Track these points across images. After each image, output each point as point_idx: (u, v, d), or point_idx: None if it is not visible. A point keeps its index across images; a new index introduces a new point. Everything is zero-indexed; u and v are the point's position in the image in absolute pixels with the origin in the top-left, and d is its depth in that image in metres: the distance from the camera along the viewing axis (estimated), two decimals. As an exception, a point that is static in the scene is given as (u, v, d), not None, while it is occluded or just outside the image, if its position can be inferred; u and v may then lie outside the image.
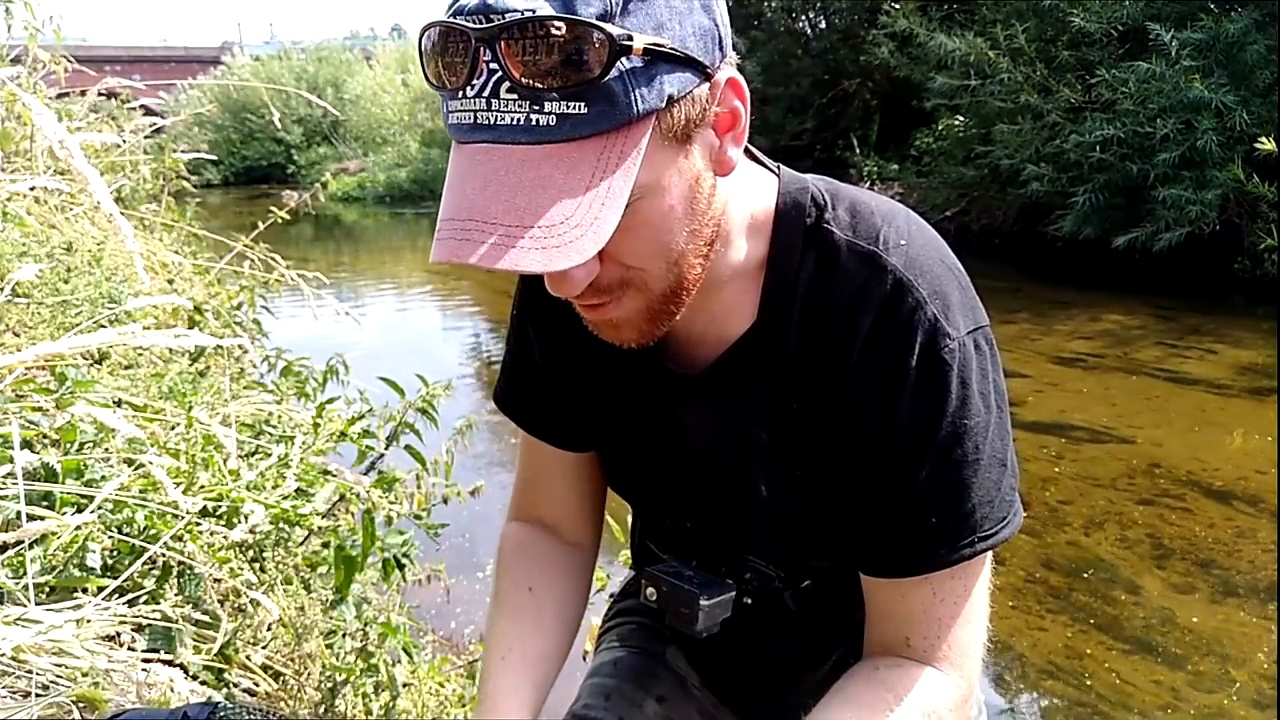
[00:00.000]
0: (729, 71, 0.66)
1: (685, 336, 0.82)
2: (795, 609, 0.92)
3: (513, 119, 0.58)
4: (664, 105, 0.60)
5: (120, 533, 1.21)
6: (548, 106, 0.57)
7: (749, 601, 0.90)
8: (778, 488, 0.82)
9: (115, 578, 1.14)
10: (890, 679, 0.77)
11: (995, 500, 0.75)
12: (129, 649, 1.18)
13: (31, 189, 2.54)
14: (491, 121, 0.59)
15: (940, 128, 9.73)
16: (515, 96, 0.58)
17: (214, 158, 16.24)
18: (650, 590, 0.89)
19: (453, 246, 0.58)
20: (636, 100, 0.59)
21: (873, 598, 0.81)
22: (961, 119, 8.98)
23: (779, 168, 0.81)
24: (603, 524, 1.03)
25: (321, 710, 1.46)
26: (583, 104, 0.57)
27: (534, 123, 0.58)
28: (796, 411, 0.78)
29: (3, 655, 0.91)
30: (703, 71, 0.63)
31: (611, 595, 1.21)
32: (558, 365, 0.91)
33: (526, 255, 0.57)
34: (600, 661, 1.06)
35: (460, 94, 0.59)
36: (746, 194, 0.76)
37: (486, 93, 0.58)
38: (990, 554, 0.79)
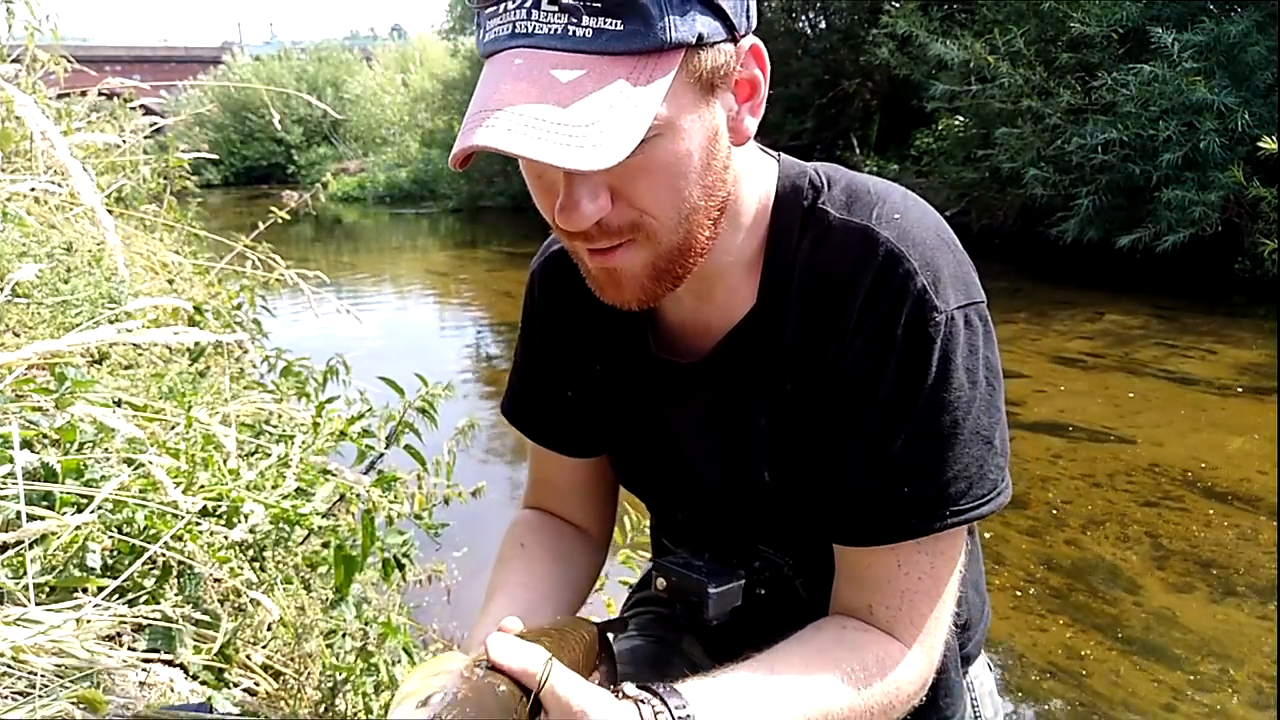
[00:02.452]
0: (754, 40, 0.69)
1: (690, 328, 0.82)
2: (808, 597, 0.92)
3: (550, 29, 0.61)
4: (694, 43, 0.63)
5: (120, 533, 1.21)
6: (585, 20, 0.61)
7: (762, 592, 0.91)
8: (778, 473, 0.83)
9: (115, 578, 1.13)
10: (858, 641, 0.77)
11: (974, 477, 0.75)
12: (129, 649, 1.18)
13: (32, 189, 2.54)
14: (530, 30, 0.62)
15: (940, 128, 9.72)
16: (555, 9, 0.61)
17: (214, 157, 16.24)
18: (660, 581, 0.90)
19: (479, 134, 0.59)
20: (670, 27, 0.61)
21: (841, 561, 0.81)
22: (961, 119, 8.97)
23: (779, 155, 0.82)
24: (614, 521, 1.04)
25: (321, 710, 1.46)
26: (619, 21, 0.61)
27: (571, 33, 0.61)
28: (791, 393, 0.79)
29: (3, 655, 0.91)
30: (731, 30, 0.66)
31: (630, 586, 1.22)
32: (564, 369, 0.91)
33: (553, 148, 0.59)
34: (617, 650, 1.07)
35: (500, 7, 0.63)
36: (752, 179, 0.77)
37: (528, 4, 0.62)
38: (964, 534, 0.79)
